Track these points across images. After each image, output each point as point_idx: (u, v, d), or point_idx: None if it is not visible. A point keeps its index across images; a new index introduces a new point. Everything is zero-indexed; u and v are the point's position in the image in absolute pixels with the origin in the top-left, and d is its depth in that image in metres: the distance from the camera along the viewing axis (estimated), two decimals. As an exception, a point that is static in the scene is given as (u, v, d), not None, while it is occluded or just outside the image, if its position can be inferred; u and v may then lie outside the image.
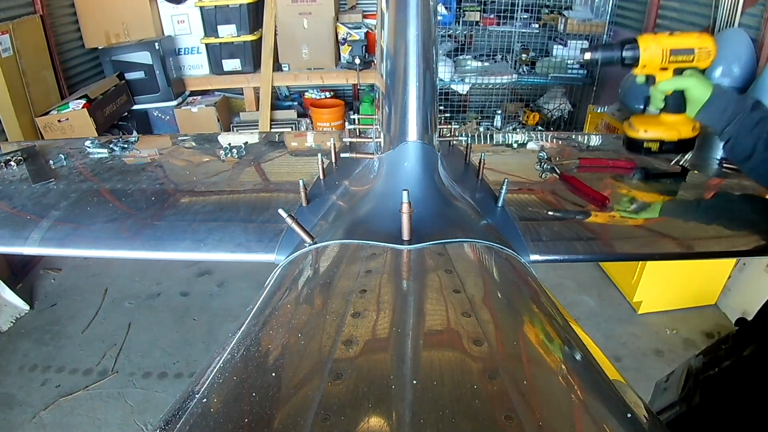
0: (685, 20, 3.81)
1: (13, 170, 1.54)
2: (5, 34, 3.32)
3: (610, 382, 0.59)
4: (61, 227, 1.22)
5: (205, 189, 1.41)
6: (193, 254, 1.14)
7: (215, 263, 3.65)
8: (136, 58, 4.31)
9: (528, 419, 0.44)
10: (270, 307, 0.73)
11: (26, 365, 2.90)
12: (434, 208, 0.98)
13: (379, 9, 1.20)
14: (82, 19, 4.23)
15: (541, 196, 1.33)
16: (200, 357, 2.96)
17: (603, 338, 3.05)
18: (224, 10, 4.41)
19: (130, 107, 4.43)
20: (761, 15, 3.10)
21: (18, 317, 3.26)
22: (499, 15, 4.91)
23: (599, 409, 0.52)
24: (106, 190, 1.40)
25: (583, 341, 0.68)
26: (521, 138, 1.88)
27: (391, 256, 0.76)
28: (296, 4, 4.49)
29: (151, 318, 3.28)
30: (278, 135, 2.54)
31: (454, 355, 0.53)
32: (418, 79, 1.01)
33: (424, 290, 0.68)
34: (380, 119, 1.18)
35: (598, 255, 1.29)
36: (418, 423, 0.42)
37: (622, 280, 3.43)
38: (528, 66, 5.14)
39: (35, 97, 3.60)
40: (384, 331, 0.56)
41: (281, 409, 0.47)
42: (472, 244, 0.86)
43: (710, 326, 3.17)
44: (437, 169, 1.07)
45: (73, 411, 2.61)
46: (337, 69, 4.78)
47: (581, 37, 4.85)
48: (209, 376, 0.56)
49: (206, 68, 4.76)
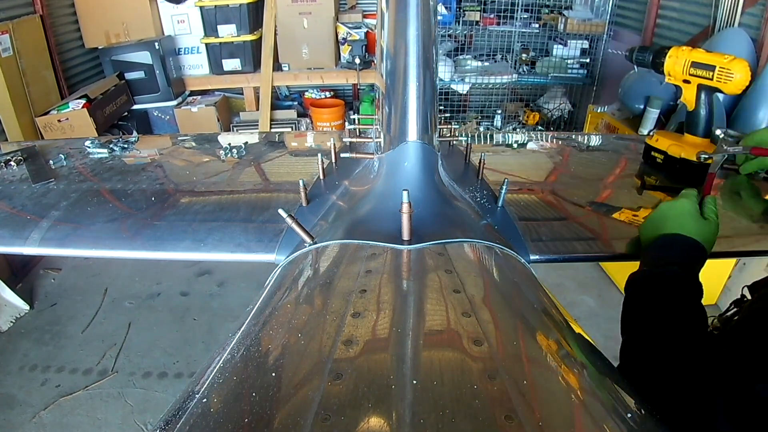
0: (685, 20, 3.81)
1: (13, 170, 1.54)
2: (5, 34, 3.32)
3: (611, 383, 0.59)
4: (61, 227, 1.22)
5: (205, 189, 1.41)
6: (193, 254, 1.14)
7: (215, 263, 3.65)
8: (136, 58, 4.31)
9: (528, 419, 0.44)
10: (270, 307, 0.73)
11: (26, 365, 2.90)
12: (434, 208, 0.98)
13: (379, 9, 1.20)
14: (82, 19, 4.23)
15: (541, 196, 1.33)
16: (200, 357, 2.96)
17: (603, 338, 3.04)
18: (224, 10, 4.40)
19: (130, 107, 4.43)
20: (761, 15, 3.10)
21: (18, 317, 3.26)
22: (499, 15, 4.91)
23: (599, 409, 0.52)
24: (106, 190, 1.40)
25: (583, 341, 0.68)
26: (521, 138, 1.88)
27: (391, 256, 0.76)
28: (296, 4, 4.49)
29: (151, 318, 3.28)
30: (278, 135, 2.54)
31: (454, 355, 0.53)
32: (418, 79, 1.01)
33: (424, 290, 0.68)
34: (380, 119, 1.18)
35: (598, 255, 1.29)
36: (418, 423, 0.42)
37: (622, 280, 3.40)
38: (528, 66, 5.14)
39: (35, 97, 3.60)
40: (384, 331, 0.56)
41: (281, 409, 0.47)
42: (472, 244, 0.86)
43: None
44: (437, 169, 1.07)
45: (73, 411, 2.61)
46: (337, 69, 4.78)
47: (581, 36, 4.85)
48: (209, 376, 0.56)
49: (206, 68, 4.76)
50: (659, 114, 3.42)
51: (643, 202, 1.32)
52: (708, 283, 3.25)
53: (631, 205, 1.28)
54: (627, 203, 1.30)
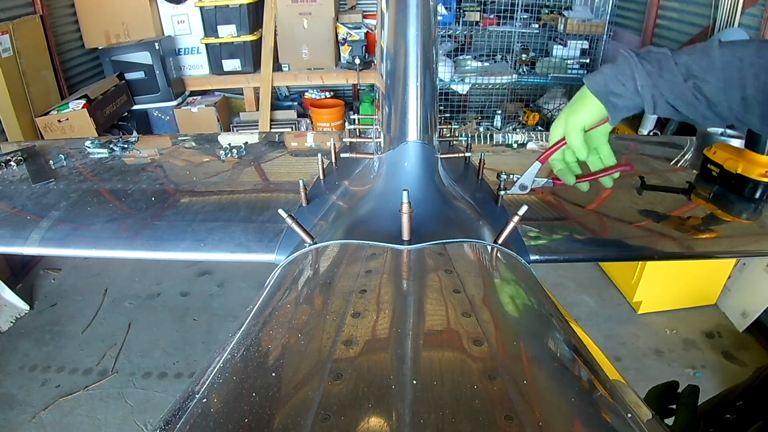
0: (685, 20, 3.82)
1: (13, 170, 1.54)
2: (5, 34, 3.32)
3: (610, 382, 0.59)
4: (61, 227, 1.22)
5: (205, 189, 1.41)
6: (193, 254, 1.14)
7: (215, 263, 3.65)
8: (136, 58, 4.31)
9: (528, 419, 0.44)
10: (270, 307, 0.73)
11: (26, 365, 2.90)
12: (434, 208, 0.98)
13: (379, 9, 1.20)
14: (82, 19, 4.23)
15: (541, 196, 1.33)
16: (200, 357, 2.96)
17: (603, 338, 3.05)
18: (224, 10, 4.41)
19: (130, 107, 4.43)
20: (761, 15, 3.11)
21: (18, 317, 3.26)
22: (499, 15, 4.91)
23: (599, 409, 0.52)
24: (106, 190, 1.40)
25: (583, 341, 0.68)
26: (521, 138, 1.88)
27: (391, 256, 0.76)
28: (296, 4, 4.49)
29: (151, 318, 3.28)
30: (278, 135, 2.54)
31: (454, 355, 0.53)
32: (418, 79, 1.01)
33: (424, 290, 0.68)
34: (380, 119, 1.18)
35: (598, 255, 1.29)
36: (418, 423, 0.42)
37: (622, 280, 3.43)
38: (528, 66, 5.15)
39: (35, 97, 3.60)
40: (384, 331, 0.56)
41: (281, 409, 0.47)
42: (472, 244, 0.86)
43: (710, 326, 3.17)
44: (437, 169, 1.07)
45: (73, 411, 2.61)
46: (337, 69, 4.78)
47: (581, 37, 4.85)
48: (209, 376, 0.56)
49: (206, 68, 4.76)
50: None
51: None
52: (708, 283, 3.26)
53: (632, 208, 1.28)
54: (627, 203, 1.31)
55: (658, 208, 1.31)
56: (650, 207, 1.33)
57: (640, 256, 1.94)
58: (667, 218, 1.25)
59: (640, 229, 1.23)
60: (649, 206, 1.34)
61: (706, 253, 1.29)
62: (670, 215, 1.26)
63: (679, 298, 3.26)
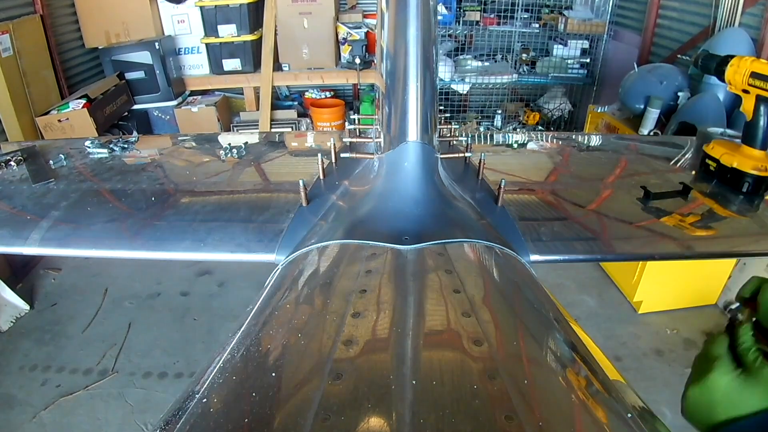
0: (685, 20, 3.82)
1: (13, 170, 1.54)
2: (5, 34, 3.32)
3: (610, 382, 0.59)
4: (61, 227, 1.22)
5: (205, 189, 1.41)
6: (193, 254, 1.14)
7: (215, 263, 3.65)
8: (136, 58, 4.31)
9: (528, 419, 0.44)
10: (270, 307, 0.73)
11: (26, 365, 2.90)
12: (434, 208, 0.98)
13: (379, 9, 1.20)
14: (82, 19, 4.23)
15: (541, 196, 1.33)
16: (200, 357, 2.96)
17: (603, 338, 3.05)
18: (224, 10, 4.41)
19: (130, 107, 4.43)
20: (761, 15, 3.11)
21: (18, 317, 3.26)
22: (499, 15, 4.91)
23: (599, 409, 0.52)
24: (106, 190, 1.40)
25: (583, 341, 0.68)
26: (521, 138, 1.88)
27: (391, 256, 0.76)
28: (296, 4, 4.49)
29: (151, 318, 3.28)
30: (278, 135, 2.54)
31: (454, 355, 0.53)
32: (418, 79, 1.01)
33: (424, 290, 0.68)
34: (380, 119, 1.18)
35: (598, 255, 1.28)
36: (418, 423, 0.42)
37: (622, 280, 3.43)
38: (528, 66, 5.15)
39: (35, 97, 3.60)
40: (384, 331, 0.56)
41: (281, 409, 0.47)
42: (472, 244, 0.86)
43: (711, 326, 3.17)
44: (437, 169, 1.07)
45: (73, 411, 2.61)
46: (337, 69, 4.78)
47: (581, 36, 4.85)
48: (209, 376, 0.56)
49: (206, 68, 4.76)
50: (659, 114, 3.42)
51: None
52: (708, 283, 3.25)
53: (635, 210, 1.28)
54: (627, 203, 1.30)
55: (657, 207, 1.31)
56: (650, 206, 1.33)
57: (640, 256, 1.94)
58: (667, 217, 1.25)
59: (640, 229, 1.23)
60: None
61: (706, 253, 1.28)
62: (670, 214, 1.26)
63: (679, 297, 3.26)
